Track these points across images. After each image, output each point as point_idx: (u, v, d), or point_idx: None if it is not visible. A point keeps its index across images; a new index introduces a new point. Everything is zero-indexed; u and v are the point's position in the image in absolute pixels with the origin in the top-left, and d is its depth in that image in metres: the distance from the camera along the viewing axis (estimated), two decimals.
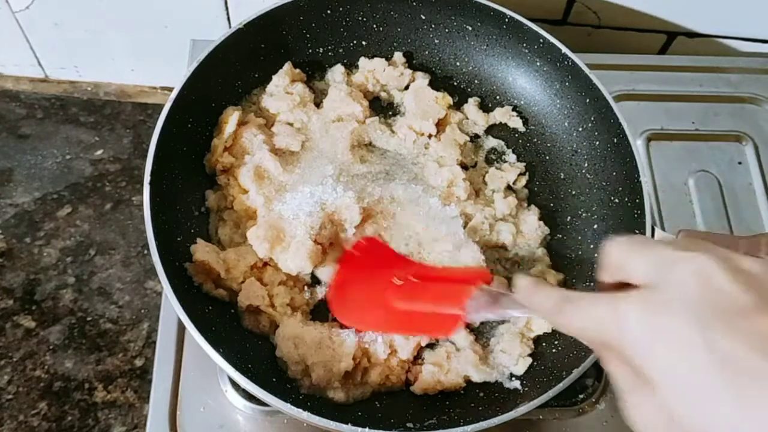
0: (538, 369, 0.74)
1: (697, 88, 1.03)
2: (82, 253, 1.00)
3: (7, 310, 0.96)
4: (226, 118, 0.82)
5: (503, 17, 0.87)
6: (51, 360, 0.93)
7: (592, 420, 0.78)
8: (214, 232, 0.79)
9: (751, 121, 1.01)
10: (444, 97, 0.89)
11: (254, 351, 0.73)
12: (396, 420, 0.69)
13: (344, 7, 0.89)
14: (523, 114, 0.91)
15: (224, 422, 0.75)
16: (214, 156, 0.81)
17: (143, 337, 0.95)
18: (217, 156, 0.80)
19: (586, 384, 0.79)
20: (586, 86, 0.84)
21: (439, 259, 0.78)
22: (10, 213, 1.03)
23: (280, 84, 0.86)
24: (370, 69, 0.90)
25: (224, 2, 1.00)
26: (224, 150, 0.81)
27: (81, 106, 1.13)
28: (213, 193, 0.81)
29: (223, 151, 0.81)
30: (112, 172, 1.07)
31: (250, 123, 0.83)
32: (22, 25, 1.06)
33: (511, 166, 0.89)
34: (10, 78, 1.16)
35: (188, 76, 0.78)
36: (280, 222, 0.76)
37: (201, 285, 0.73)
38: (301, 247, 0.74)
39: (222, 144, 0.80)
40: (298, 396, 0.70)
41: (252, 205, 0.78)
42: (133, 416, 0.90)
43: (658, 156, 0.97)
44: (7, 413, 0.89)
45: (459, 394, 0.74)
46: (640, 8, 1.02)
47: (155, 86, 1.16)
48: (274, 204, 0.78)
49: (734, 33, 1.06)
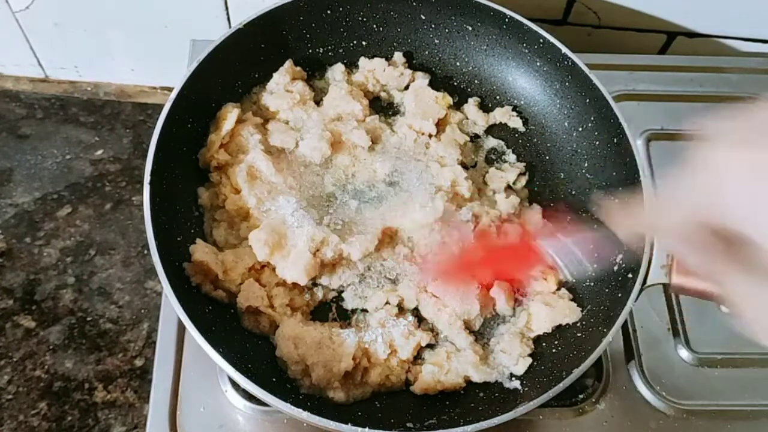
0: (538, 369, 0.74)
1: (697, 88, 1.03)
2: (82, 253, 1.00)
3: (7, 310, 0.96)
4: (225, 114, 0.82)
5: (503, 17, 0.87)
6: (51, 360, 0.93)
7: (592, 420, 0.78)
8: (209, 232, 0.79)
9: None
10: (444, 97, 0.89)
11: (254, 351, 0.73)
12: (396, 420, 0.69)
13: (344, 7, 0.89)
14: (523, 114, 0.91)
15: (224, 422, 0.75)
16: (210, 151, 0.80)
17: (143, 337, 0.95)
18: (213, 152, 0.80)
19: (586, 384, 0.79)
20: (586, 86, 0.84)
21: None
22: (10, 213, 1.03)
23: (280, 82, 0.86)
24: (370, 69, 0.91)
25: (224, 2, 1.00)
26: (220, 146, 0.81)
27: (81, 106, 1.13)
28: (206, 190, 0.80)
29: (219, 147, 0.81)
30: (112, 172, 1.07)
31: (248, 121, 0.83)
32: (22, 25, 1.06)
33: (511, 166, 0.89)
34: (10, 78, 1.16)
35: (188, 76, 0.78)
36: (283, 227, 0.76)
37: (200, 285, 0.73)
38: (299, 260, 0.74)
39: (219, 140, 0.80)
40: (298, 396, 0.70)
41: (244, 205, 0.78)
42: (133, 416, 0.90)
43: (658, 156, 0.96)
44: (7, 413, 0.89)
45: (459, 394, 0.74)
46: (640, 8, 1.02)
47: (155, 86, 1.16)
48: (266, 204, 0.78)
49: (734, 33, 1.06)
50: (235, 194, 0.79)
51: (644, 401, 0.79)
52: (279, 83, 0.87)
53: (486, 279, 0.77)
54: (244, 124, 0.83)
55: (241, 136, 0.82)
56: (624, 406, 0.78)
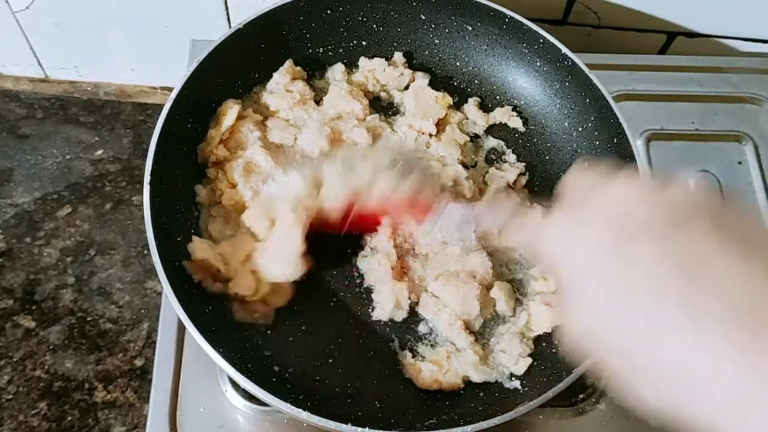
0: (538, 369, 0.74)
1: (697, 88, 1.03)
2: (82, 253, 1.00)
3: (7, 310, 0.96)
4: (226, 110, 0.82)
5: (503, 17, 0.87)
6: (51, 360, 0.93)
7: (592, 420, 0.78)
8: (205, 227, 0.79)
9: (751, 121, 1.01)
10: (444, 97, 0.89)
11: (254, 351, 0.73)
12: (396, 420, 0.69)
13: (344, 7, 0.89)
14: (523, 114, 0.91)
15: (224, 422, 0.75)
16: (209, 147, 0.80)
17: (143, 337, 0.95)
18: (212, 147, 0.80)
19: (586, 384, 0.79)
20: (586, 86, 0.84)
21: (443, 260, 0.79)
22: (10, 213, 1.03)
23: (280, 81, 0.86)
24: (370, 69, 0.90)
25: (224, 2, 1.00)
26: (219, 142, 0.81)
27: (81, 106, 1.13)
28: (203, 188, 0.80)
29: (219, 143, 0.81)
30: (112, 172, 1.07)
31: (248, 118, 0.83)
32: (22, 25, 1.06)
33: (511, 166, 0.89)
34: (10, 78, 1.16)
35: (188, 76, 0.78)
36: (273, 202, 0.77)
37: (200, 282, 0.73)
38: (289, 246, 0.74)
39: (218, 136, 0.80)
40: (298, 396, 0.70)
41: (240, 199, 0.79)
42: (133, 416, 0.90)
43: (658, 156, 0.96)
44: (7, 413, 0.89)
45: (459, 394, 0.74)
46: (640, 8, 1.02)
47: (155, 86, 1.16)
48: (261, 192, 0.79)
49: (734, 33, 1.06)
50: (231, 189, 0.79)
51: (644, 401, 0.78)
52: (279, 83, 0.87)
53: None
54: (244, 121, 0.83)
55: (241, 133, 0.82)
56: (624, 406, 0.78)
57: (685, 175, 0.70)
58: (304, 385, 0.72)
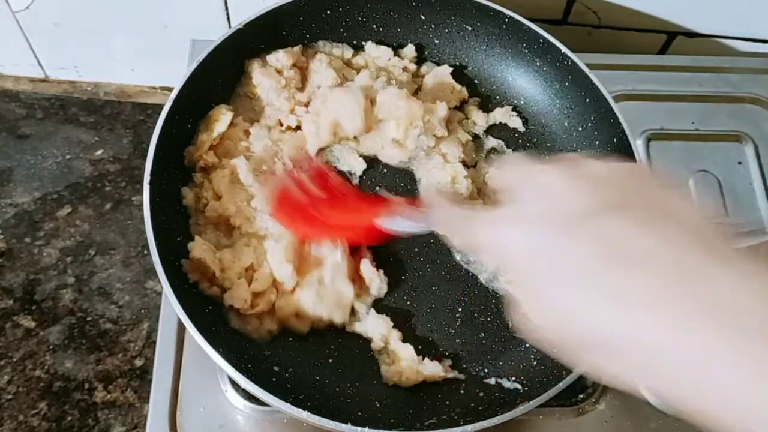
0: (538, 369, 0.74)
1: (697, 88, 1.03)
2: (82, 253, 1.00)
3: (7, 310, 0.96)
4: (218, 116, 0.81)
5: (503, 17, 0.87)
6: (51, 360, 0.93)
7: (592, 420, 0.78)
8: (198, 234, 0.78)
9: (751, 121, 1.01)
10: (461, 90, 0.89)
11: (254, 351, 0.73)
12: (396, 420, 0.69)
13: (344, 7, 0.89)
14: (523, 114, 0.91)
15: (224, 422, 0.75)
16: (198, 151, 0.80)
17: (143, 337, 0.95)
18: (201, 152, 0.80)
19: (586, 384, 0.79)
20: (586, 86, 0.84)
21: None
22: (10, 213, 1.03)
23: (281, 59, 0.85)
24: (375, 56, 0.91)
25: (224, 2, 1.00)
26: (209, 148, 0.80)
27: (81, 106, 1.13)
28: (190, 190, 0.79)
29: (209, 149, 0.80)
30: (112, 172, 1.07)
31: (238, 126, 0.83)
32: (22, 25, 1.06)
33: None
34: (10, 78, 1.16)
35: (188, 76, 0.78)
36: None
37: (197, 283, 0.73)
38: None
39: (209, 141, 0.80)
40: (298, 396, 0.70)
41: (224, 213, 0.77)
42: (133, 416, 0.90)
43: (658, 156, 0.96)
44: (7, 413, 0.89)
45: (459, 394, 0.74)
46: (640, 8, 1.02)
47: (155, 86, 1.16)
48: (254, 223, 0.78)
49: (734, 33, 1.06)
50: (216, 201, 0.78)
51: (644, 401, 0.78)
52: (279, 60, 0.86)
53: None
54: (234, 129, 0.82)
55: (230, 141, 0.81)
56: (624, 406, 0.78)
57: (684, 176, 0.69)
58: (304, 385, 0.71)
